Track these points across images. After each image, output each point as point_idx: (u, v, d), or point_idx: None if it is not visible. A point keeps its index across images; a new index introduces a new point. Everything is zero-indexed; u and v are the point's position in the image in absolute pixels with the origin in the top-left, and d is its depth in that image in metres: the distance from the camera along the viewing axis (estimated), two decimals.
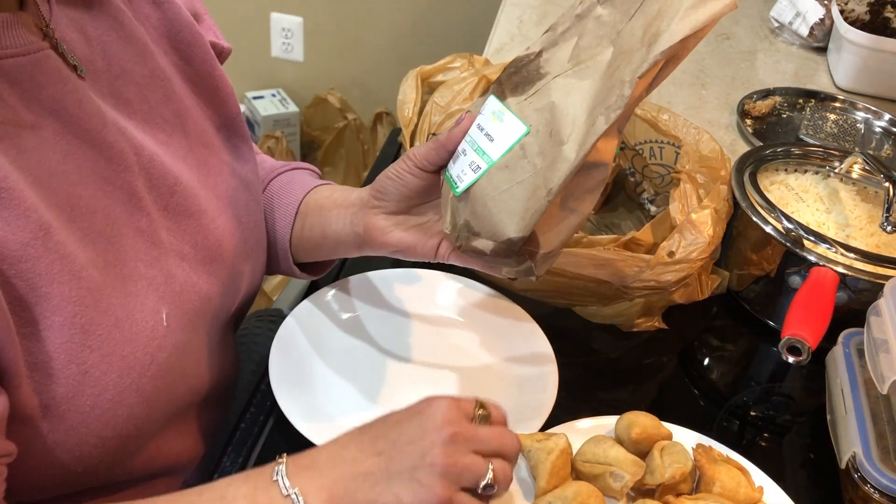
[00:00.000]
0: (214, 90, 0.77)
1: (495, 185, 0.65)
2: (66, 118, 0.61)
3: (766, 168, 1.03)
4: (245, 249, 0.77)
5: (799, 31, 1.53)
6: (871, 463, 0.71)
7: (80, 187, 0.61)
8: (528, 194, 0.63)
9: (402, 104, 1.03)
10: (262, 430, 0.78)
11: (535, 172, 0.63)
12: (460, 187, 0.67)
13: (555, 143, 0.63)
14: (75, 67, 0.64)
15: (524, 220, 0.63)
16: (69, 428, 0.60)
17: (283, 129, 2.49)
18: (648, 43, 0.61)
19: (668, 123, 1.03)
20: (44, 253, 0.57)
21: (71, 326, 0.58)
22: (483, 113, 0.69)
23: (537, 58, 0.67)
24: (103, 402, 0.61)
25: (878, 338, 0.77)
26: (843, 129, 1.33)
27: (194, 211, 0.71)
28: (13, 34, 0.59)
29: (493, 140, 0.66)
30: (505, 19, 1.52)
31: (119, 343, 0.61)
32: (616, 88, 0.61)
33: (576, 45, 0.66)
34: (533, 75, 0.66)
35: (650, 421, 0.74)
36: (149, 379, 0.63)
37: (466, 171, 0.67)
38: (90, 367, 0.59)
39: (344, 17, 2.40)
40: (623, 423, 0.74)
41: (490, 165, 0.65)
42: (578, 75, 0.64)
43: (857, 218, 0.98)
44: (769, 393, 0.93)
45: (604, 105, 0.61)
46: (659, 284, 0.85)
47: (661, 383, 0.92)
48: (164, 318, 0.65)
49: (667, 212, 0.92)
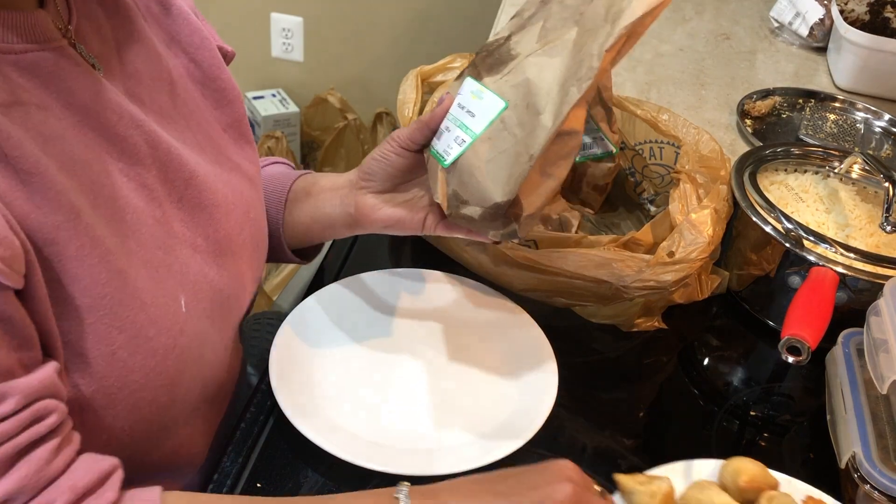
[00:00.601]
0: (222, 92, 0.79)
1: (480, 155, 0.72)
2: (83, 111, 0.62)
3: (765, 168, 1.03)
4: (251, 245, 0.78)
5: (799, 32, 1.53)
6: (871, 463, 0.72)
7: (102, 176, 0.63)
8: (511, 161, 0.70)
9: (402, 104, 1.03)
10: (262, 431, 0.78)
11: (517, 141, 0.70)
12: (448, 160, 0.74)
13: (532, 114, 0.70)
14: (93, 65, 0.65)
15: (509, 184, 0.70)
16: (98, 409, 0.61)
17: (284, 129, 2.49)
18: (612, 20, 0.68)
19: (668, 123, 1.03)
20: (74, 235, 0.58)
21: (100, 308, 0.60)
22: (462, 93, 0.75)
23: (507, 41, 0.75)
24: (130, 383, 0.62)
25: (877, 338, 0.77)
26: (843, 129, 1.34)
27: (207, 204, 0.72)
28: (34, 30, 0.60)
29: (475, 116, 0.73)
30: (505, 19, 1.52)
31: (144, 325, 0.63)
32: (585, 62, 0.69)
33: (542, 27, 0.73)
34: (505, 56, 0.74)
35: (758, 469, 0.72)
36: (172, 362, 0.65)
37: (452, 146, 0.74)
38: (118, 348, 0.61)
39: (344, 17, 2.40)
40: (729, 469, 0.72)
41: (474, 139, 0.72)
42: (549, 53, 0.71)
43: (857, 218, 0.98)
44: (769, 393, 0.93)
45: (575, 77, 0.69)
46: (659, 284, 0.85)
47: (661, 383, 0.92)
48: (182, 305, 0.67)
49: (667, 212, 0.92)
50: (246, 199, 0.78)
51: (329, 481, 0.74)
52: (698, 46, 1.52)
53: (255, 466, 0.75)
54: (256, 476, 0.75)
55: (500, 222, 0.73)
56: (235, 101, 0.80)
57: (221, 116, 0.79)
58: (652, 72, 1.42)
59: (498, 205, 0.71)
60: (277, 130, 2.46)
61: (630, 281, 0.85)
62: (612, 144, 1.04)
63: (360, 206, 0.82)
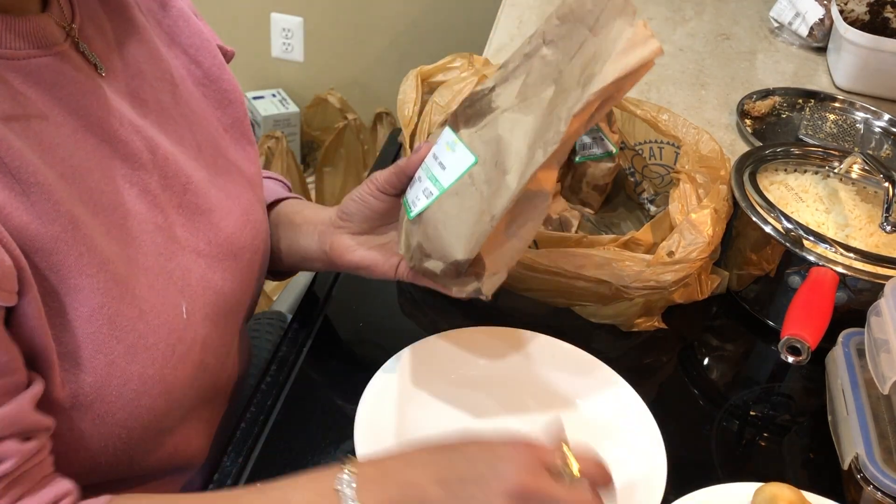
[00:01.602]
0: (223, 93, 0.79)
1: (445, 210, 0.70)
2: (84, 116, 0.62)
3: (765, 168, 1.03)
4: (252, 247, 0.78)
5: (798, 32, 1.53)
6: (875, 464, 0.71)
7: (102, 183, 0.63)
8: (474, 219, 0.68)
9: (402, 104, 1.03)
10: (262, 430, 0.78)
11: (482, 199, 0.68)
12: (414, 211, 0.72)
13: (499, 172, 0.67)
14: (95, 66, 0.65)
15: (470, 243, 0.68)
16: (96, 417, 0.61)
17: (284, 129, 2.49)
18: (583, 84, 0.65)
19: (668, 123, 1.03)
20: (73, 245, 0.58)
21: (98, 317, 0.60)
22: (438, 143, 0.73)
23: (490, 92, 0.72)
24: (128, 391, 0.62)
25: (878, 338, 0.77)
26: (843, 129, 1.33)
27: (206, 209, 0.72)
28: (38, 35, 0.60)
29: (445, 168, 0.71)
30: (505, 19, 1.52)
31: (143, 334, 0.62)
32: (554, 125, 0.66)
33: (524, 82, 0.70)
34: (485, 109, 0.71)
35: (795, 495, 0.69)
36: (171, 370, 0.65)
37: (420, 197, 0.72)
38: (116, 357, 0.61)
39: (344, 17, 2.40)
40: (765, 495, 0.70)
41: (441, 192, 0.71)
42: (523, 111, 0.69)
43: (857, 218, 0.98)
44: (769, 393, 0.93)
45: (542, 139, 0.66)
46: (659, 284, 0.85)
47: (661, 383, 0.91)
48: (183, 312, 0.67)
49: (666, 212, 0.92)
50: (244, 201, 0.78)
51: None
52: (698, 46, 1.52)
53: (255, 466, 0.75)
54: (256, 476, 0.74)
55: (462, 279, 0.71)
56: (237, 101, 0.80)
57: (223, 117, 0.79)
58: (652, 72, 1.41)
59: (458, 262, 0.69)
60: (277, 130, 2.46)
61: (630, 281, 0.85)
62: (612, 144, 1.04)
63: (334, 246, 0.79)
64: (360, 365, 0.84)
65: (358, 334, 0.91)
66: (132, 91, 0.69)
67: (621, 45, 0.65)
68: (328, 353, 0.89)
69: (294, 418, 0.80)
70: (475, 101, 0.72)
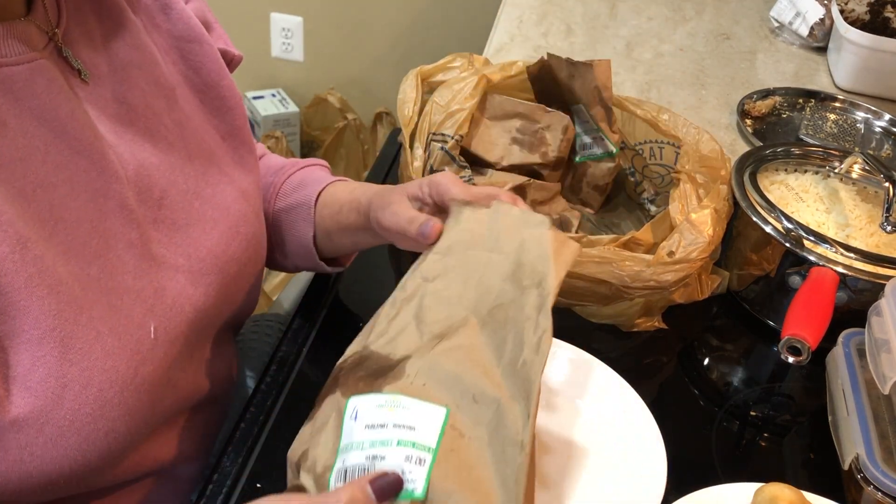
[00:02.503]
0: (221, 100, 0.77)
1: (454, 472, 0.56)
2: (58, 128, 0.60)
3: (766, 168, 1.03)
4: (241, 260, 0.76)
5: (799, 31, 1.53)
6: (875, 464, 0.71)
7: (69, 199, 0.61)
8: (497, 460, 0.56)
9: (402, 104, 1.03)
10: (262, 430, 0.78)
11: (489, 441, 0.57)
12: (419, 489, 0.55)
13: (487, 403, 0.58)
14: (79, 72, 0.63)
15: (514, 489, 0.55)
16: (47, 441, 0.59)
17: (283, 129, 2.49)
18: (537, 283, 0.62)
19: (668, 123, 1.03)
20: (21, 266, 0.56)
21: (50, 339, 0.58)
22: (359, 417, 0.58)
23: (371, 354, 0.62)
24: (83, 415, 0.60)
25: (879, 338, 0.77)
26: (843, 129, 1.33)
27: (184, 223, 0.70)
28: (10, 43, 0.59)
29: (415, 428, 0.57)
30: (505, 19, 1.52)
31: (100, 357, 0.60)
32: (528, 331, 0.60)
33: (420, 321, 0.62)
34: (387, 364, 0.61)
35: (795, 496, 0.69)
36: (132, 392, 0.63)
37: (412, 469, 0.55)
38: (70, 380, 0.59)
39: (344, 17, 2.40)
40: (765, 495, 0.70)
41: (434, 454, 0.56)
42: (455, 339, 0.60)
43: (857, 218, 0.97)
44: (769, 393, 0.93)
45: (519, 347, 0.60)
46: (659, 284, 0.85)
47: (661, 383, 0.91)
48: (151, 331, 0.65)
49: (667, 212, 0.92)
50: (234, 213, 0.75)
51: None
52: (698, 46, 1.52)
53: (255, 466, 0.75)
54: (256, 476, 0.74)
55: None
56: (236, 108, 0.79)
57: (220, 125, 0.78)
58: (652, 72, 1.42)
59: None
60: (277, 130, 2.46)
61: (630, 281, 0.85)
62: (612, 144, 1.04)
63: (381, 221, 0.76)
64: None
65: (358, 334, 0.91)
66: (119, 97, 0.67)
67: (548, 246, 0.64)
68: (328, 353, 0.89)
69: (294, 418, 0.80)
70: (357, 367, 0.62)
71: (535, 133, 1.03)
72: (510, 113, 1.03)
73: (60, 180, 0.60)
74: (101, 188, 0.63)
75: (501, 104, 1.03)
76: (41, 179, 0.59)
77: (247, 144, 0.80)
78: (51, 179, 0.60)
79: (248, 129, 0.81)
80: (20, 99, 0.59)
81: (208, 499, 0.72)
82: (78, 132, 0.62)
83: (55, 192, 0.60)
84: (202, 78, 0.76)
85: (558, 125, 1.02)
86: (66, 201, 0.60)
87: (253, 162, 0.81)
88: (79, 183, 0.62)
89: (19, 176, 0.58)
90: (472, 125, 1.00)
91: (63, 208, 0.60)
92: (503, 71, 1.06)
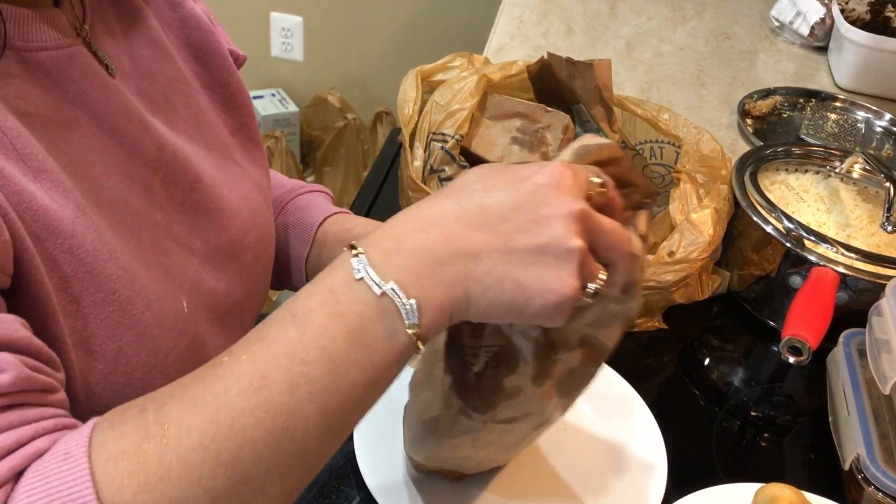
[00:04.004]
0: (230, 97, 0.79)
1: None
2: (92, 112, 0.62)
3: (766, 168, 1.02)
4: (257, 249, 0.78)
5: (799, 31, 1.53)
6: (876, 464, 0.71)
7: (103, 178, 0.62)
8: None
9: (402, 103, 1.03)
10: None
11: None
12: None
13: None
14: (107, 66, 0.65)
15: None
16: (102, 406, 0.59)
17: (283, 128, 2.49)
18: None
19: (669, 123, 1.03)
20: (88, 230, 0.58)
21: (111, 303, 0.59)
22: None
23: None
24: (133, 380, 0.61)
25: (879, 338, 0.77)
26: (844, 129, 1.33)
27: (211, 209, 0.72)
28: (48, 29, 0.60)
29: None
30: (505, 19, 1.52)
31: (150, 324, 0.62)
32: None
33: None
34: None
35: (796, 496, 0.69)
36: (172, 362, 0.64)
37: None
38: (124, 344, 0.60)
39: (344, 17, 2.39)
40: (765, 496, 0.69)
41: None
42: None
43: (858, 218, 0.97)
44: (769, 393, 0.93)
45: None
46: (659, 284, 0.85)
47: (661, 383, 0.91)
48: (184, 306, 0.66)
49: (667, 212, 0.92)
50: (253, 203, 0.77)
51: (329, 480, 0.74)
52: (698, 46, 1.52)
53: None
54: None
55: None
56: (244, 105, 0.80)
57: (229, 121, 0.79)
58: (652, 71, 1.42)
59: None
60: (277, 130, 2.46)
61: None
62: None
63: None
64: None
65: None
66: (142, 91, 0.69)
67: None
68: None
69: None
70: None
71: (535, 133, 1.03)
72: (510, 113, 1.03)
73: (95, 161, 0.62)
74: (128, 170, 0.65)
75: (501, 104, 1.03)
76: (80, 158, 0.61)
77: (254, 140, 0.82)
78: (88, 159, 0.61)
79: (255, 126, 0.82)
80: (58, 82, 0.60)
81: None
82: (110, 116, 0.63)
83: (92, 171, 0.61)
84: (212, 74, 0.77)
85: (558, 125, 1.02)
86: (101, 180, 0.62)
87: (261, 157, 0.83)
88: (110, 164, 0.63)
89: (63, 153, 0.59)
90: (472, 125, 1.00)
91: (100, 187, 0.62)
92: (503, 71, 1.06)
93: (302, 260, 0.88)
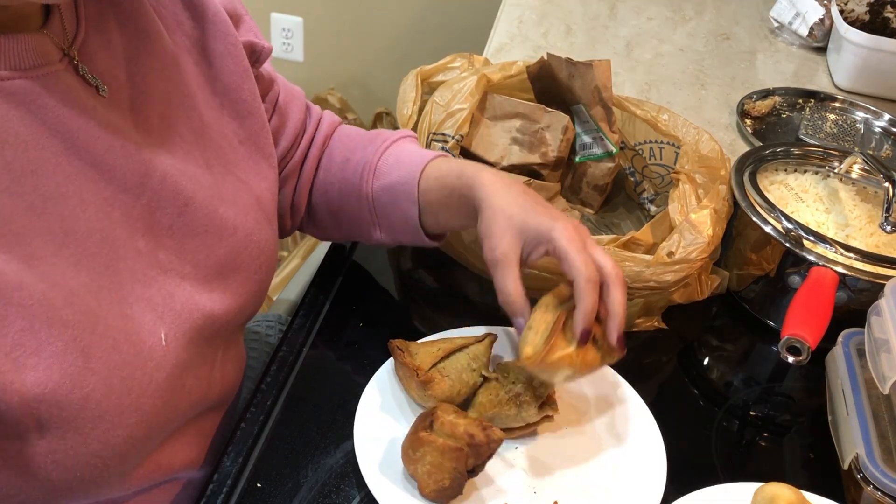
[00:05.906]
0: (241, 103, 0.77)
1: None
2: (71, 140, 0.61)
3: (765, 168, 1.03)
4: (252, 268, 0.76)
5: (799, 31, 1.53)
6: (875, 464, 0.71)
7: (78, 210, 0.61)
8: None
9: (402, 103, 1.03)
10: (262, 431, 0.78)
11: None
12: None
13: None
14: (97, 88, 0.63)
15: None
16: (69, 449, 0.59)
17: None
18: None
19: (668, 123, 1.03)
20: (38, 279, 0.57)
21: (72, 351, 0.58)
22: None
23: None
24: (104, 423, 0.60)
25: (879, 338, 0.77)
26: (843, 129, 1.33)
27: (201, 231, 0.70)
28: (24, 54, 0.59)
29: None
30: (505, 19, 1.52)
31: (118, 366, 0.61)
32: None
33: None
34: None
35: (795, 495, 0.69)
36: (148, 398, 0.63)
37: None
38: (91, 390, 0.59)
39: (344, 17, 2.40)
40: (765, 495, 0.69)
41: None
42: None
43: (857, 218, 0.98)
44: (769, 393, 0.93)
45: None
46: (659, 284, 0.85)
47: (661, 383, 0.91)
48: (162, 338, 0.65)
49: (666, 212, 0.92)
50: (251, 220, 0.76)
51: (329, 480, 0.74)
52: (698, 46, 1.52)
53: (255, 466, 0.75)
54: (256, 476, 0.74)
55: None
56: (255, 112, 0.78)
57: (238, 129, 0.77)
58: (652, 72, 1.42)
59: None
60: None
61: (630, 281, 0.85)
62: (612, 144, 1.04)
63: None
64: (361, 364, 0.84)
65: (358, 334, 0.91)
66: (135, 107, 0.67)
67: None
68: (328, 353, 0.89)
69: (294, 418, 0.80)
70: None
71: (535, 133, 1.03)
72: (510, 113, 1.03)
73: (71, 191, 0.61)
74: (109, 198, 0.63)
75: (501, 104, 1.03)
76: (52, 191, 0.59)
77: (262, 151, 0.79)
78: (61, 191, 0.60)
79: (266, 134, 0.80)
80: (33, 111, 0.59)
81: (208, 499, 0.73)
82: (89, 144, 0.62)
83: (65, 204, 0.60)
84: (223, 80, 0.75)
85: (558, 125, 1.02)
86: (76, 212, 0.61)
87: (268, 169, 0.80)
88: (88, 194, 0.62)
89: (30, 189, 0.58)
90: (472, 125, 1.00)
91: (73, 220, 0.61)
92: (503, 71, 1.06)
93: (414, 218, 0.83)
